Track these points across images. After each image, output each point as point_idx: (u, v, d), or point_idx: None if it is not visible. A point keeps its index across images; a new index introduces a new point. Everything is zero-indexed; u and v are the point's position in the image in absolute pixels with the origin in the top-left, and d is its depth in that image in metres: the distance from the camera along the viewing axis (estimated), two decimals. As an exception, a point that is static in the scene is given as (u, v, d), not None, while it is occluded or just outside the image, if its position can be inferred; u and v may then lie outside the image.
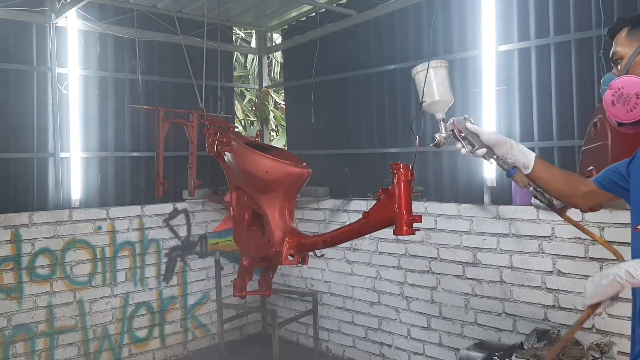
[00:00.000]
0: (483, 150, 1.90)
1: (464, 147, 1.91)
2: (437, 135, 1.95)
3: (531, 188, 1.93)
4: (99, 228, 5.22)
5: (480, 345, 4.20)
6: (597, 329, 3.93)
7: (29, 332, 4.80)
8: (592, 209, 2.00)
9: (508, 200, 4.49)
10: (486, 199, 4.60)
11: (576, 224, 1.97)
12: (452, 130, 1.94)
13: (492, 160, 1.91)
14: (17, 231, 4.75)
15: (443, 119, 1.99)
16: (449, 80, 2.10)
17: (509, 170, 1.89)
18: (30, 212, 4.85)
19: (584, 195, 1.96)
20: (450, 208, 4.76)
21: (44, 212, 4.94)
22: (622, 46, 1.70)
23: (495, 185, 4.59)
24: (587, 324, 3.99)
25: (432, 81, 2.07)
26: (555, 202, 1.97)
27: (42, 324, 4.87)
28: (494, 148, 1.91)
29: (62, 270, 4.98)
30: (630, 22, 1.71)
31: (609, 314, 3.89)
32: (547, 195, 1.95)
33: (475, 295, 4.59)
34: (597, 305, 1.73)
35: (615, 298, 1.71)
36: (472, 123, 1.94)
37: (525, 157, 1.89)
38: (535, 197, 1.94)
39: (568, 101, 4.28)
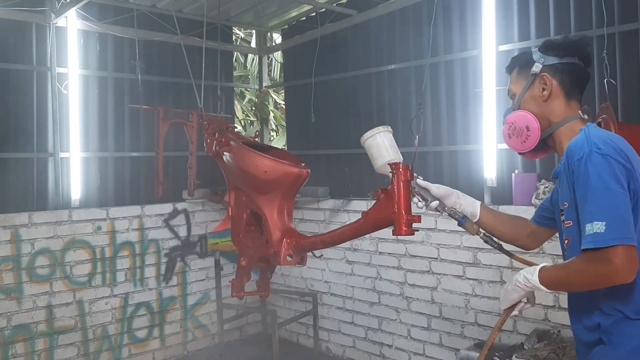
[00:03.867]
0: (435, 203, 2.10)
1: (419, 201, 2.13)
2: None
3: (481, 234, 2.08)
4: (99, 228, 5.21)
5: (480, 346, 4.19)
6: (598, 330, 3.92)
7: (29, 332, 4.80)
8: (539, 246, 2.18)
9: (508, 201, 4.49)
10: (486, 199, 4.59)
11: (517, 258, 2.13)
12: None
13: (444, 212, 2.08)
14: (16, 231, 4.75)
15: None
16: (395, 142, 2.34)
17: (460, 219, 2.06)
18: (29, 212, 4.85)
19: (529, 235, 2.14)
20: (450, 208, 4.75)
21: (43, 212, 4.94)
22: (514, 84, 1.89)
23: (495, 185, 4.58)
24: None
25: (382, 145, 2.31)
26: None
27: (41, 324, 4.87)
28: (443, 200, 2.10)
29: (62, 270, 4.98)
30: (518, 62, 1.90)
31: (609, 315, 3.88)
32: (495, 240, 2.12)
33: (476, 295, 4.58)
34: (511, 309, 1.89)
35: (531, 301, 1.89)
36: (421, 179, 2.16)
37: (472, 206, 2.07)
38: (486, 242, 2.09)
39: (568, 101, 4.26)
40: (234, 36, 8.90)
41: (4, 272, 4.67)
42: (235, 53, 9.64)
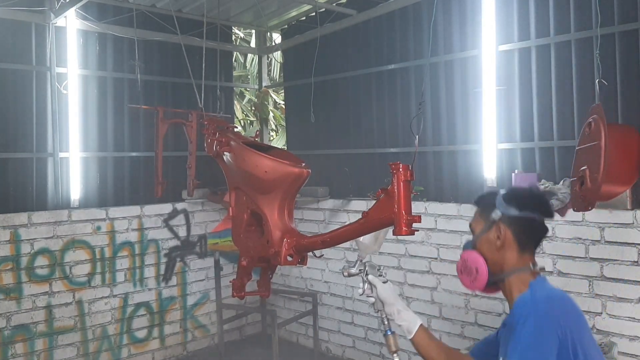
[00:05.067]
0: (373, 300, 2.08)
1: (362, 288, 2.11)
2: (345, 269, 2.20)
3: (397, 356, 2.07)
4: (98, 228, 5.21)
5: (480, 346, 4.18)
6: (598, 329, 3.92)
7: (28, 332, 4.79)
8: None
9: (508, 201, 4.48)
10: (486, 199, 4.59)
11: None
12: (363, 271, 2.14)
13: (377, 312, 2.07)
14: (16, 231, 4.74)
15: (361, 260, 2.20)
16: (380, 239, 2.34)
17: (385, 330, 2.05)
18: (29, 212, 4.85)
19: None
20: (451, 208, 4.75)
21: (43, 212, 4.94)
22: (475, 222, 1.92)
23: (495, 185, 4.58)
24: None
25: (378, 235, 2.32)
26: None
27: (41, 324, 4.86)
28: (384, 304, 2.08)
29: (62, 270, 4.98)
30: (483, 202, 1.92)
31: (609, 314, 3.88)
32: None
33: (476, 295, 4.58)
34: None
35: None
36: (379, 276, 2.14)
37: (410, 322, 2.04)
38: None
39: (568, 101, 4.27)
40: (233, 36, 8.89)
41: (3, 272, 4.67)
42: (235, 53, 9.63)
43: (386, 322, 2.04)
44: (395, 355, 2.04)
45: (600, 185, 2.87)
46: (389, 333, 2.04)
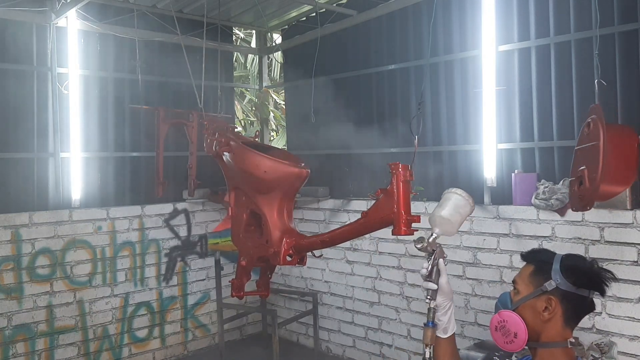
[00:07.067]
0: (434, 286, 1.99)
1: (425, 269, 2.00)
2: (422, 242, 2.03)
3: (429, 351, 2.00)
4: (99, 228, 5.22)
5: (480, 345, 4.19)
6: (597, 329, 3.93)
7: (29, 332, 4.80)
8: None
9: (508, 201, 4.49)
10: (486, 199, 4.60)
11: None
12: (433, 250, 2.03)
13: (428, 300, 2.00)
14: (17, 231, 4.75)
15: (436, 237, 2.05)
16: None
17: (429, 321, 1.99)
18: (30, 212, 4.86)
19: None
20: (450, 208, 4.74)
21: (44, 212, 4.95)
22: (522, 281, 1.78)
23: (495, 185, 4.58)
24: (587, 324, 3.98)
25: (458, 210, 2.07)
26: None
27: (42, 324, 4.87)
28: (439, 294, 2.00)
29: (62, 270, 4.99)
30: (536, 262, 1.78)
31: (609, 314, 3.89)
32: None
33: (476, 295, 4.59)
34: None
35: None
36: (446, 264, 2.05)
37: (451, 324, 1.99)
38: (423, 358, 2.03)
39: (568, 101, 4.27)
40: (234, 36, 8.90)
41: (4, 272, 4.68)
42: (236, 53, 9.64)
43: (432, 315, 1.98)
44: (427, 348, 1.98)
45: (599, 185, 2.87)
46: (431, 325, 1.98)
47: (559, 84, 4.33)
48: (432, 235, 2.02)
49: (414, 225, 2.31)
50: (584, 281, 1.68)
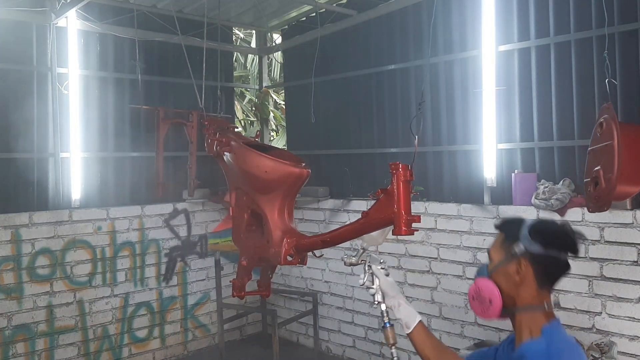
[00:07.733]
0: (372, 291, 2.07)
1: (362, 279, 2.09)
2: (348, 257, 2.19)
3: (394, 350, 2.07)
4: (99, 228, 5.22)
5: (480, 345, 4.19)
6: (597, 329, 3.93)
7: (29, 332, 4.80)
8: None
9: (508, 201, 4.49)
10: (486, 199, 4.60)
11: None
12: (366, 261, 2.13)
13: (377, 305, 2.07)
14: (17, 231, 4.75)
15: (365, 250, 2.19)
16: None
17: (384, 323, 2.05)
18: (30, 212, 4.86)
19: None
20: (450, 208, 4.76)
21: (44, 212, 4.95)
22: (494, 250, 1.81)
23: (495, 185, 4.59)
24: (587, 324, 3.99)
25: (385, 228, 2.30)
26: None
27: (42, 324, 4.87)
28: (385, 297, 2.08)
29: (62, 270, 4.98)
30: (506, 229, 1.80)
31: (609, 314, 3.89)
32: None
33: (475, 295, 4.58)
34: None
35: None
36: (382, 269, 2.13)
37: (410, 317, 2.02)
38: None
39: (568, 101, 4.28)
40: (234, 36, 8.90)
41: (4, 272, 4.67)
42: (235, 53, 9.65)
43: (386, 315, 2.03)
44: (392, 348, 2.03)
45: (615, 185, 2.86)
46: (388, 326, 2.04)
47: (558, 84, 4.33)
48: (360, 250, 2.16)
49: (414, 225, 2.31)
50: (552, 241, 1.69)
